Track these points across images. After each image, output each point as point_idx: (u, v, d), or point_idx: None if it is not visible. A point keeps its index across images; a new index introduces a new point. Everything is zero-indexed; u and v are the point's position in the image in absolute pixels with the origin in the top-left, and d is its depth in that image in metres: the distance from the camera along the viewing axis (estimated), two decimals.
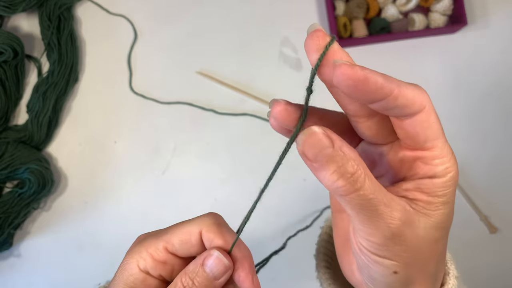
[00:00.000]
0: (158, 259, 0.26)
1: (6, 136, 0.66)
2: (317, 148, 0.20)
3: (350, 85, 0.19)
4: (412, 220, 0.21)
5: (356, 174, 0.19)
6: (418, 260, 0.22)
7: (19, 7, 0.65)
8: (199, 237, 0.26)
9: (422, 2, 0.69)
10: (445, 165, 0.21)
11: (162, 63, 0.71)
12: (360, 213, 0.20)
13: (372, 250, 0.21)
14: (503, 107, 0.69)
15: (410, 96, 0.20)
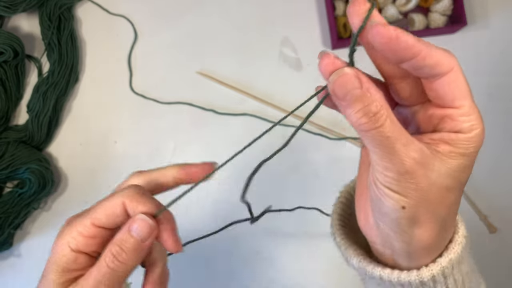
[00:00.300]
0: (87, 235, 0.28)
1: (7, 136, 0.66)
2: (346, 88, 0.22)
3: (383, 42, 0.22)
4: (427, 163, 0.23)
5: (379, 114, 0.22)
6: (427, 202, 0.23)
7: (20, 7, 0.65)
8: (123, 208, 0.28)
9: (422, 2, 0.69)
10: (471, 123, 0.23)
11: (162, 63, 0.71)
12: (379, 148, 0.22)
13: (385, 184, 0.23)
14: (503, 107, 0.69)
15: (438, 57, 0.22)
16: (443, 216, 0.24)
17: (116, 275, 0.27)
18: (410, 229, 0.24)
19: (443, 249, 0.27)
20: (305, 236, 0.67)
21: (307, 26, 0.71)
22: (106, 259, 0.27)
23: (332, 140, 0.68)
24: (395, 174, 0.23)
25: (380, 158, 0.23)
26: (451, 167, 0.23)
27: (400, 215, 0.23)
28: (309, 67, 0.70)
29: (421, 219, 0.24)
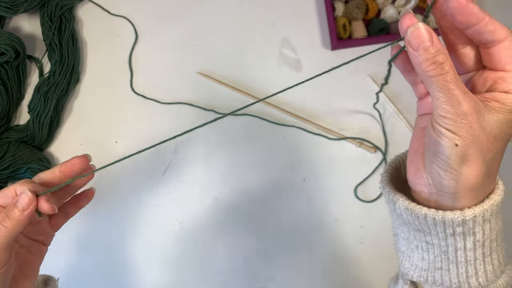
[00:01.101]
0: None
1: (8, 136, 0.66)
2: (420, 39, 0.27)
3: (455, 7, 0.27)
4: (480, 111, 0.27)
5: (445, 63, 0.27)
6: (477, 143, 0.27)
7: (21, 8, 0.66)
8: (15, 194, 0.35)
9: (421, 3, 0.69)
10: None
11: (163, 64, 0.71)
12: (442, 92, 0.27)
13: (444, 125, 0.27)
14: None
15: (497, 25, 0.27)
16: (489, 160, 0.28)
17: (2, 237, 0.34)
18: (460, 166, 0.28)
19: (485, 197, 0.30)
20: (305, 236, 0.67)
21: (307, 27, 0.71)
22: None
23: (332, 140, 0.69)
24: (453, 115, 0.27)
25: (441, 101, 0.27)
26: (499, 119, 0.27)
27: (453, 152, 0.27)
28: (308, 67, 0.71)
29: (470, 157, 0.27)
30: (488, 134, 0.27)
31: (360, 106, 0.70)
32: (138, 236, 0.68)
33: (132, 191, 0.69)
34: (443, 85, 0.27)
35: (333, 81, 0.70)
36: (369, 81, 0.70)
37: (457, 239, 0.30)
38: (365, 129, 0.69)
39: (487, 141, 0.27)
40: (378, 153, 0.69)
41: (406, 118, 0.69)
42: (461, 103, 0.27)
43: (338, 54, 0.71)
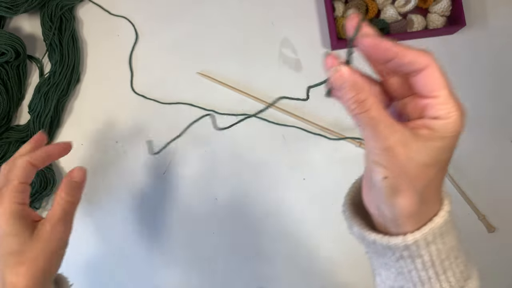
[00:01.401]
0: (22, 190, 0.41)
1: (8, 136, 0.67)
2: (341, 81, 0.28)
3: (368, 45, 0.29)
4: (406, 142, 0.27)
5: (366, 101, 0.28)
6: (405, 174, 0.28)
7: (21, 8, 0.66)
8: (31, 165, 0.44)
9: (421, 3, 0.69)
10: (447, 110, 0.27)
11: (163, 64, 0.71)
12: (367, 129, 0.28)
13: (373, 158, 0.28)
14: (501, 107, 0.69)
15: (414, 57, 0.28)
16: (421, 189, 0.28)
17: (69, 210, 0.43)
18: (392, 197, 0.29)
19: (427, 220, 0.30)
20: (305, 236, 0.67)
21: (307, 27, 0.71)
22: (61, 201, 0.42)
23: (332, 140, 0.69)
24: (379, 150, 0.28)
25: (368, 137, 0.28)
26: (429, 147, 0.27)
27: (383, 184, 0.28)
28: (308, 67, 0.71)
29: (400, 188, 0.28)
30: (417, 163, 0.27)
31: None
32: (138, 236, 0.68)
33: (132, 191, 0.69)
34: (367, 122, 0.28)
35: None
36: None
37: (407, 262, 0.30)
38: None
39: (416, 170, 0.28)
40: None
41: None
42: (385, 138, 0.27)
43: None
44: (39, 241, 0.39)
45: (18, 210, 0.39)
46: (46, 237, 0.39)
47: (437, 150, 0.28)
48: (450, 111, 0.27)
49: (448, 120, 0.27)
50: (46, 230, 0.39)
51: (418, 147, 0.27)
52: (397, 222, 0.30)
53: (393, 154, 0.27)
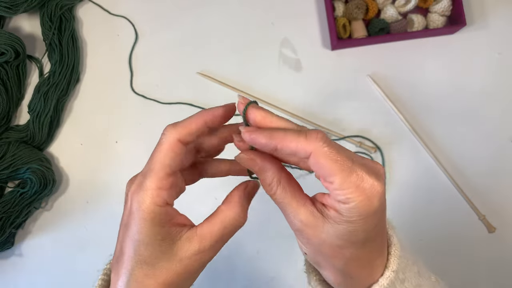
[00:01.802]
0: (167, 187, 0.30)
1: (8, 136, 0.66)
2: (248, 166, 0.30)
3: (248, 140, 0.29)
4: (315, 225, 0.27)
5: (271, 185, 0.28)
6: (321, 254, 0.28)
7: (21, 8, 0.66)
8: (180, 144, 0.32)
9: (421, 3, 0.69)
10: (346, 196, 0.25)
11: (163, 64, 0.71)
12: (280, 209, 0.29)
13: (295, 234, 0.29)
14: (501, 107, 0.69)
15: (293, 147, 0.26)
16: (341, 267, 0.28)
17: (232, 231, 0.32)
18: (319, 268, 0.30)
19: (372, 282, 0.29)
20: None
21: (307, 27, 0.71)
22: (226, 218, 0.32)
23: (332, 140, 0.69)
24: (294, 229, 0.28)
25: (284, 216, 0.29)
26: (338, 230, 0.26)
27: (307, 257, 0.29)
28: (308, 68, 0.70)
29: (321, 265, 0.29)
30: (330, 245, 0.27)
31: (360, 106, 0.69)
32: None
33: None
34: (278, 203, 0.28)
35: (333, 81, 0.70)
36: (369, 81, 0.70)
37: None
38: (365, 129, 0.69)
39: (331, 250, 0.27)
40: (378, 153, 0.69)
41: (406, 118, 0.69)
42: (293, 221, 0.28)
43: (338, 54, 0.71)
44: (179, 261, 0.29)
45: (157, 213, 0.29)
46: (188, 257, 0.29)
47: (347, 233, 0.26)
48: (349, 196, 0.25)
49: (349, 205, 0.25)
50: (191, 249, 0.29)
51: (327, 230, 0.26)
52: (335, 285, 0.30)
53: (303, 236, 0.27)
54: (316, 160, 0.26)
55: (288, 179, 0.29)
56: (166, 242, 0.29)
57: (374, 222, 0.26)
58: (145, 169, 0.31)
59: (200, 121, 0.32)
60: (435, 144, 0.69)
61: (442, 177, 0.68)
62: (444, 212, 0.67)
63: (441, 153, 0.68)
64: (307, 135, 0.26)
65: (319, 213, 0.27)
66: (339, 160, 0.25)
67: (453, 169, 0.68)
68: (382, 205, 0.26)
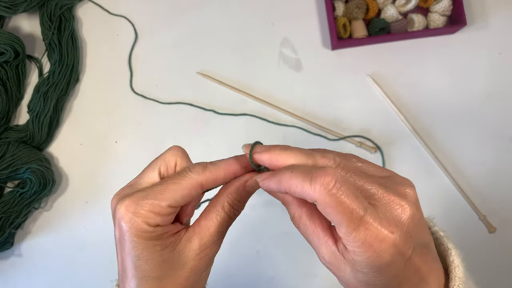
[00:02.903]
0: (164, 214, 0.28)
1: (7, 136, 0.66)
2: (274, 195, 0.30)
3: (266, 190, 0.29)
4: (338, 265, 0.26)
5: (294, 219, 0.28)
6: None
7: (20, 7, 0.66)
8: (201, 188, 0.30)
9: (422, 2, 0.69)
10: (353, 249, 0.24)
11: (163, 64, 0.71)
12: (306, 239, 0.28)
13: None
14: (501, 107, 0.69)
15: (299, 192, 0.25)
16: None
17: (231, 222, 0.32)
18: None
19: None
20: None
21: (307, 26, 0.71)
22: (226, 209, 0.31)
23: (332, 140, 0.69)
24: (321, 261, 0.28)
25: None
26: (357, 277, 0.25)
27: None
28: (308, 67, 0.70)
29: None
30: (355, 286, 0.26)
31: (360, 106, 0.69)
32: None
33: None
34: (302, 234, 0.28)
35: (333, 81, 0.70)
36: (369, 81, 0.70)
37: None
38: (365, 129, 0.69)
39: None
40: (378, 153, 0.69)
41: (406, 118, 0.69)
42: (319, 255, 0.27)
43: (339, 54, 0.71)
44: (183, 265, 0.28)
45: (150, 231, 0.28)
46: (193, 258, 0.29)
47: (366, 280, 0.25)
48: (356, 250, 0.24)
49: (359, 257, 0.24)
50: (193, 249, 0.29)
51: (348, 273, 0.26)
52: None
53: (330, 270, 0.27)
54: (321, 208, 0.24)
55: (309, 215, 0.27)
56: (167, 251, 0.28)
57: (393, 273, 0.24)
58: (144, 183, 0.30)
59: (230, 172, 0.31)
60: (435, 144, 0.68)
61: (442, 177, 0.68)
62: (444, 212, 0.67)
63: (441, 153, 0.68)
64: (312, 179, 0.24)
65: (340, 255, 0.26)
66: (348, 209, 0.23)
67: (454, 169, 0.68)
68: (399, 256, 0.24)
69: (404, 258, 0.24)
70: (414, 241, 0.25)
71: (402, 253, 0.24)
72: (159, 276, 0.28)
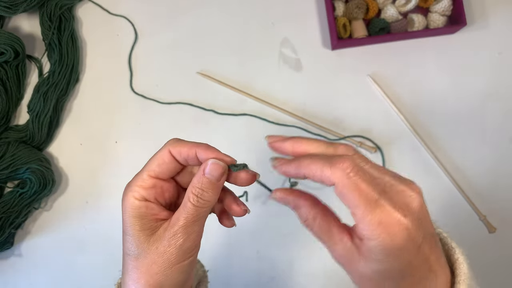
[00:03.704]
0: (147, 186, 0.32)
1: (7, 136, 0.66)
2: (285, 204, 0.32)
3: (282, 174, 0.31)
4: (352, 260, 0.27)
5: (307, 221, 0.31)
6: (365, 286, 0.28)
7: (20, 7, 0.66)
8: (170, 155, 0.32)
9: (422, 2, 0.69)
10: (368, 232, 0.25)
11: (163, 64, 0.71)
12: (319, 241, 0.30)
13: None
14: (502, 107, 0.69)
15: (318, 176, 0.27)
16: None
17: (201, 212, 0.32)
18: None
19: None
20: (305, 236, 0.67)
21: (307, 26, 0.71)
22: (191, 200, 0.31)
23: (332, 140, 0.69)
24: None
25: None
26: (371, 267, 0.26)
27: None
28: (308, 68, 0.70)
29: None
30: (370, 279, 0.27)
31: (360, 106, 0.69)
32: None
33: None
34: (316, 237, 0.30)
35: (333, 81, 0.70)
36: (369, 81, 0.70)
37: None
38: (365, 129, 0.69)
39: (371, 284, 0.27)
40: (378, 153, 0.69)
41: (406, 118, 0.69)
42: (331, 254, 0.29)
43: (338, 54, 0.71)
44: (155, 250, 0.31)
45: (136, 206, 0.31)
46: (163, 246, 0.30)
47: (380, 270, 0.26)
48: (371, 233, 0.25)
49: (373, 242, 0.25)
50: (164, 237, 0.31)
51: (362, 265, 0.26)
52: None
53: (344, 268, 0.28)
54: (339, 191, 0.26)
55: (323, 215, 0.30)
56: (145, 233, 0.31)
57: (407, 259, 0.25)
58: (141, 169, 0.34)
59: (193, 150, 0.32)
60: (435, 144, 0.68)
61: (442, 177, 0.68)
62: (444, 212, 0.67)
63: (441, 153, 0.68)
64: (332, 164, 0.26)
65: (355, 248, 0.27)
66: (364, 192, 0.25)
67: (454, 169, 0.68)
68: (411, 241, 0.25)
69: (416, 245, 0.26)
70: (424, 230, 0.26)
71: (414, 239, 0.25)
72: (136, 255, 0.31)
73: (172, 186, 0.34)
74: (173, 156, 0.32)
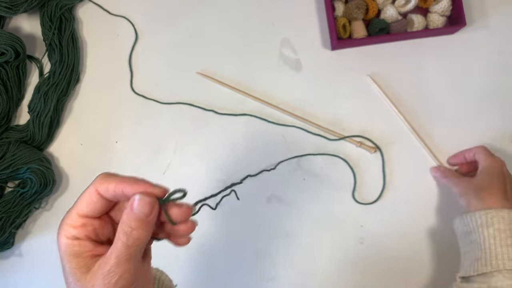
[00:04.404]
0: (76, 225, 0.32)
1: (8, 136, 0.67)
2: None
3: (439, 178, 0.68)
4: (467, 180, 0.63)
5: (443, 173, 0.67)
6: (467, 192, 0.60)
7: (21, 8, 0.66)
8: (97, 194, 0.32)
9: (421, 3, 0.69)
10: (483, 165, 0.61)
11: (163, 64, 0.71)
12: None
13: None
14: (501, 107, 0.69)
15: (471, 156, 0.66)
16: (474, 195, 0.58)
17: (133, 250, 0.30)
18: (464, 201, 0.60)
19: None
20: (306, 236, 0.67)
21: (307, 27, 0.71)
22: (122, 238, 0.30)
23: (332, 140, 0.69)
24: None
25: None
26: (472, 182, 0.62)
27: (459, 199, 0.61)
28: (309, 67, 0.70)
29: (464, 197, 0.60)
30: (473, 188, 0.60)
31: (360, 106, 0.70)
32: None
33: None
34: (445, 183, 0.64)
35: (333, 81, 0.70)
36: (369, 81, 0.70)
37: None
38: (365, 129, 0.69)
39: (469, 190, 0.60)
40: (378, 153, 0.69)
41: (406, 118, 0.69)
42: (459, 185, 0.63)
43: (338, 54, 0.71)
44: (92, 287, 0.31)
45: (69, 245, 0.31)
46: (99, 284, 0.30)
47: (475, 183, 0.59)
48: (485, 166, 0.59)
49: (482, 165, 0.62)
50: (98, 275, 0.30)
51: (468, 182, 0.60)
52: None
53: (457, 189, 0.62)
54: (478, 153, 0.62)
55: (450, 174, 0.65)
56: (80, 270, 0.31)
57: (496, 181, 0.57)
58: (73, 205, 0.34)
59: (119, 186, 0.31)
60: (435, 144, 0.69)
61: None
62: (444, 212, 0.67)
63: (441, 153, 0.68)
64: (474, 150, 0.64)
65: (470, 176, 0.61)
66: (488, 153, 0.62)
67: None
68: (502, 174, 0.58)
69: (503, 176, 0.58)
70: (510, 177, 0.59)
71: (504, 173, 0.59)
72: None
73: (107, 222, 0.33)
74: (100, 194, 0.32)
